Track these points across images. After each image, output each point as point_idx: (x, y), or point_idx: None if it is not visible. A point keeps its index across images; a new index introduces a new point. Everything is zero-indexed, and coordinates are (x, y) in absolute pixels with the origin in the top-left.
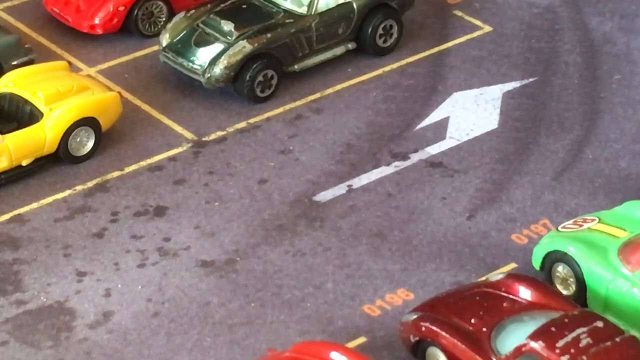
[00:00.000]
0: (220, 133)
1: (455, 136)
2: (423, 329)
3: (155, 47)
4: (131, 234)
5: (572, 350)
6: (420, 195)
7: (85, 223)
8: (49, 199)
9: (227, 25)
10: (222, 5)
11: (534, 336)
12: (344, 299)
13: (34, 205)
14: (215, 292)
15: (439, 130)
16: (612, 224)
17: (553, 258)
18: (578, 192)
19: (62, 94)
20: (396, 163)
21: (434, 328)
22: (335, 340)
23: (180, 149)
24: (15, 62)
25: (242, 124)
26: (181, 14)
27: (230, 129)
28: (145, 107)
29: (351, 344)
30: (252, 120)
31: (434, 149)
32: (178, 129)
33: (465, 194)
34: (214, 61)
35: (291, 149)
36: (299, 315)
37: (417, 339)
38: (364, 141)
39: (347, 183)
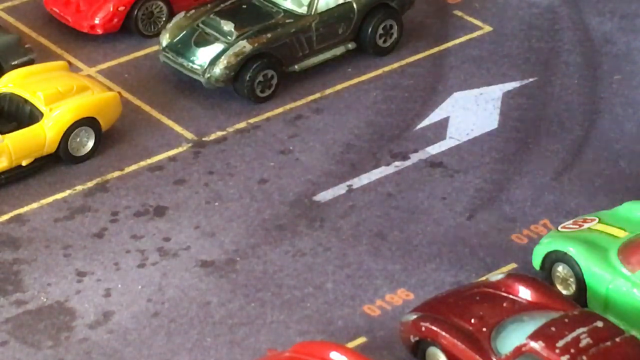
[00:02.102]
0: (220, 133)
1: (455, 136)
2: (423, 329)
3: (155, 47)
4: (131, 234)
5: (572, 350)
6: (420, 195)
7: (85, 223)
8: (49, 199)
9: (227, 26)
10: (222, 5)
11: (534, 336)
12: (344, 299)
13: (34, 205)
14: (215, 292)
15: (439, 130)
16: (612, 224)
17: (553, 258)
18: (578, 192)
19: (62, 94)
20: (396, 163)
21: (434, 328)
22: (335, 340)
23: (180, 149)
24: (15, 62)
25: (242, 124)
26: (181, 14)
27: (230, 129)
28: (145, 107)
29: (351, 344)
30: (252, 120)
31: (434, 149)
32: (178, 129)
33: (465, 194)
34: (214, 61)
35: (291, 149)
36: (299, 315)
37: (417, 339)
38: (364, 141)
39: (347, 183)
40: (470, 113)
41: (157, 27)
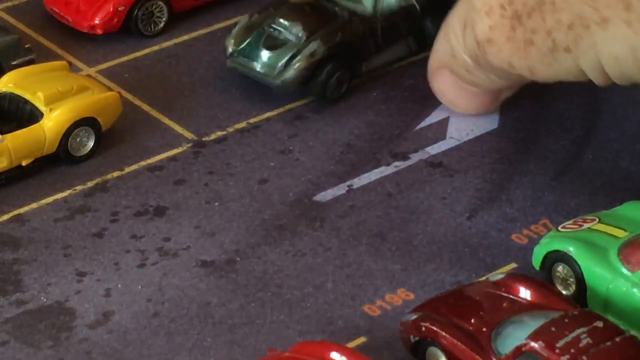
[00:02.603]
0: (220, 133)
1: (455, 136)
2: (423, 329)
3: (156, 47)
4: (131, 234)
5: (572, 350)
6: (420, 195)
7: (85, 223)
8: (49, 199)
9: (296, 27)
10: (284, 7)
11: (534, 336)
12: (344, 299)
13: (34, 205)
14: (215, 292)
15: (439, 130)
16: (612, 224)
17: (553, 258)
18: (578, 192)
19: (62, 94)
20: (396, 163)
21: (434, 328)
22: (335, 340)
23: (180, 149)
24: (15, 62)
25: (242, 124)
26: (245, 18)
27: (230, 129)
28: (145, 107)
29: (351, 344)
30: (252, 120)
31: (434, 149)
32: (178, 129)
33: (465, 194)
34: (287, 64)
35: (291, 149)
36: (299, 315)
37: (417, 339)
38: (364, 141)
39: (347, 183)
40: None
41: (157, 27)
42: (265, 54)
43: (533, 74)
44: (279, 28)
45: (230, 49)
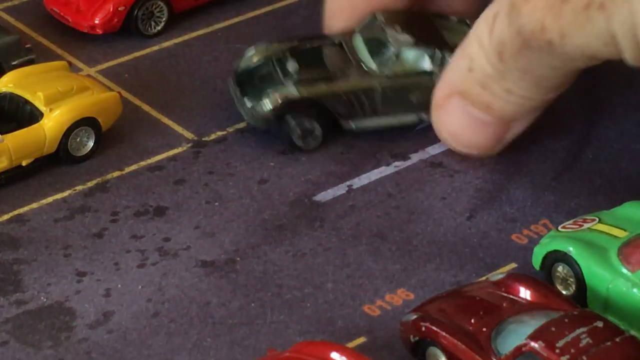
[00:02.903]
0: (220, 133)
1: None
2: (423, 329)
3: (156, 47)
4: (131, 234)
5: (572, 350)
6: (420, 195)
7: (85, 223)
8: (49, 199)
9: (292, 66)
10: (309, 44)
11: (534, 336)
12: (344, 299)
13: (34, 205)
14: (215, 292)
15: None
16: (612, 224)
17: (553, 258)
18: (578, 192)
19: (62, 94)
20: (396, 163)
21: (434, 328)
22: (335, 340)
23: (180, 149)
24: (15, 62)
25: (242, 124)
26: (262, 43)
27: (230, 129)
28: (145, 107)
29: (351, 344)
30: None
31: (434, 149)
32: (178, 129)
33: (465, 194)
34: (259, 99)
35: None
36: (299, 315)
37: (417, 339)
38: (364, 141)
39: (347, 183)
40: None
41: (157, 27)
42: (253, 85)
43: (563, 38)
44: (281, 63)
45: (238, 69)
